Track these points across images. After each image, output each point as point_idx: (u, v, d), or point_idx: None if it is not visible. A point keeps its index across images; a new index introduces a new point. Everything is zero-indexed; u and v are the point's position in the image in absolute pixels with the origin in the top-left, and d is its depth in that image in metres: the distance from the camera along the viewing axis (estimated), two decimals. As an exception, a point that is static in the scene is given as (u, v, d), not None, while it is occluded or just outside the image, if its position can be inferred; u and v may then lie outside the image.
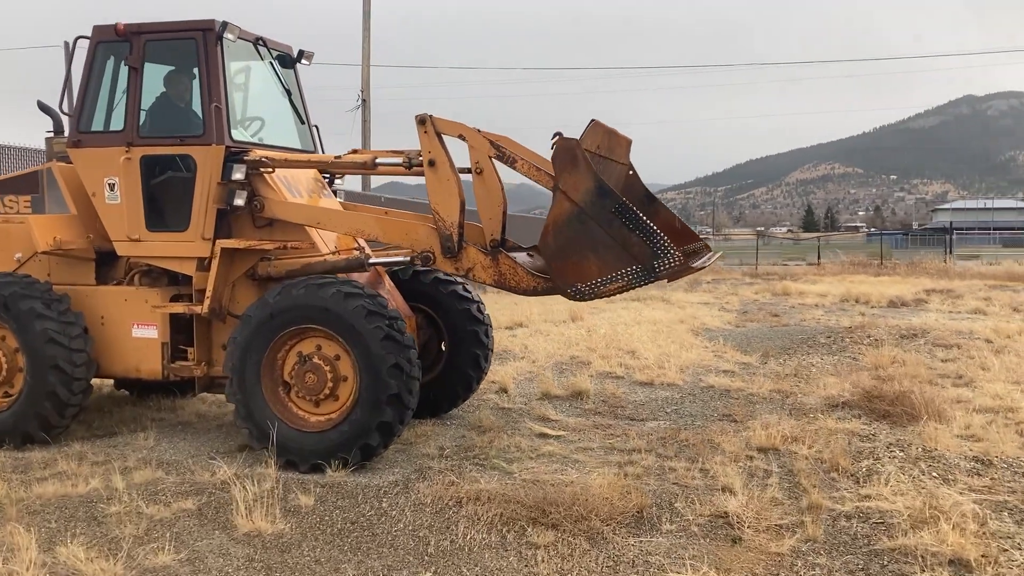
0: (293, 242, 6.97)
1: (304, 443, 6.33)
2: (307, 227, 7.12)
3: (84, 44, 7.19)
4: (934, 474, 6.10)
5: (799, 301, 20.68)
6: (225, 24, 6.85)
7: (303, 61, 7.90)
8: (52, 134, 8.02)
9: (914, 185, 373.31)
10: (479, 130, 6.53)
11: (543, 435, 7.38)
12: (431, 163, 6.58)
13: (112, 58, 7.19)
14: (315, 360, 6.38)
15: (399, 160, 6.88)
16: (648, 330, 13.58)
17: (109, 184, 7.05)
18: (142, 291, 7.27)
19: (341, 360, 6.37)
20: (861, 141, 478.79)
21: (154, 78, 7.27)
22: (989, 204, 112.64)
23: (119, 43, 7.07)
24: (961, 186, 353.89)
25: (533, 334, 13.33)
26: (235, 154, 6.86)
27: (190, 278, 7.29)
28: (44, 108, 8.06)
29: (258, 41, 7.41)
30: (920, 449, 6.63)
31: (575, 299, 6.07)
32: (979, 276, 28.81)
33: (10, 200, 7.60)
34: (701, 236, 7.79)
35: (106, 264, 7.57)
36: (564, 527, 5.11)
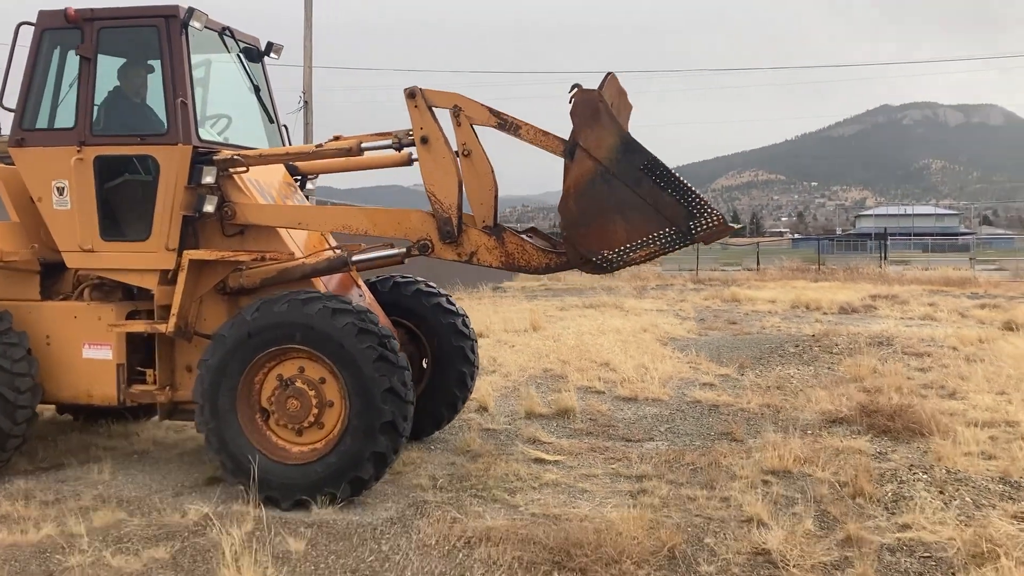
0: (270, 251, 6.31)
1: (287, 477, 5.68)
2: (281, 233, 6.47)
3: (29, 31, 6.41)
4: (967, 499, 5.76)
5: (751, 308, 20.56)
6: (192, 11, 6.16)
7: (271, 55, 7.23)
8: (-12, 133, 7.20)
9: (834, 192, 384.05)
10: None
11: (539, 460, 6.85)
12: (424, 140, 5.97)
13: (60, 47, 6.44)
14: (298, 384, 5.73)
15: (387, 142, 6.26)
16: (615, 340, 13.16)
17: (58, 188, 6.28)
18: (94, 307, 6.51)
19: (327, 383, 5.74)
20: (783, 149, 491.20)
21: (107, 70, 6.53)
22: (909, 210, 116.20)
23: (68, 30, 6.32)
24: (879, 192, 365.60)
25: (497, 345, 12.78)
26: (202, 155, 6.17)
27: (150, 293, 6.59)
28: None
29: (224, 31, 6.73)
30: (944, 471, 6.30)
31: (600, 270, 5.56)
32: (916, 282, 29.24)
33: (-58, 206, 6.76)
34: None
35: (51, 277, 6.80)
36: (594, 572, 4.59)
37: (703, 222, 5.29)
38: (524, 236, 6.05)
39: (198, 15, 6.18)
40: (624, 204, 5.36)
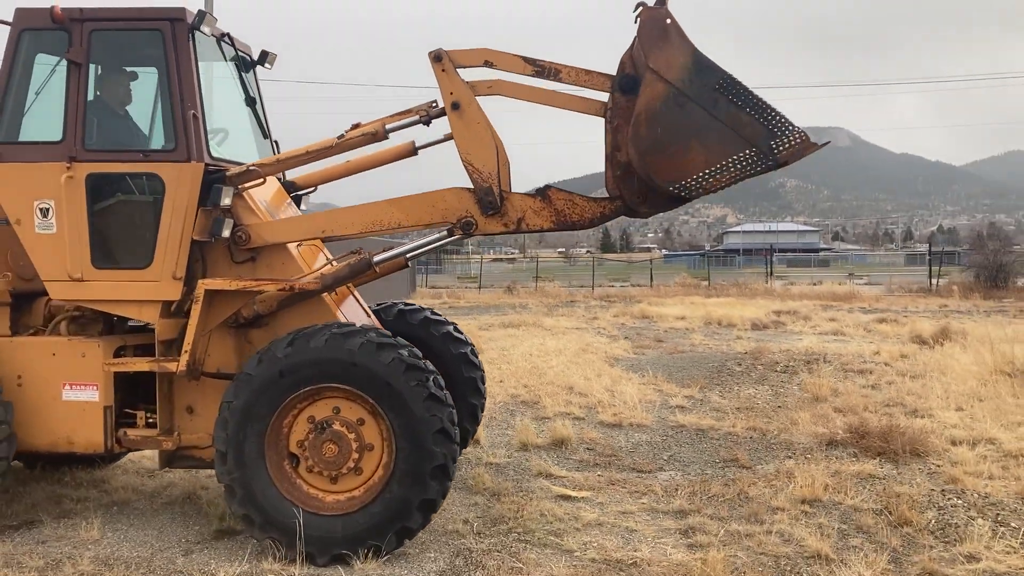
0: (288, 277, 5.67)
1: (323, 529, 5.14)
2: (292, 252, 5.86)
3: (3, 32, 5.65)
4: (1012, 524, 5.81)
5: (668, 325, 20.79)
6: (203, 14, 5.56)
7: (265, 64, 6.65)
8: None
9: (697, 209, 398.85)
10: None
11: (566, 497, 6.52)
12: (455, 106, 5.51)
13: (41, 51, 5.69)
14: (336, 427, 5.21)
15: (413, 118, 5.78)
16: (564, 361, 12.95)
17: (41, 209, 5.53)
18: (77, 343, 5.77)
19: (366, 425, 5.25)
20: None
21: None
22: (773, 227, 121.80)
23: (52, 31, 5.59)
24: (739, 210, 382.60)
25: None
26: (212, 173, 5.56)
27: (138, 326, 5.91)
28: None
29: (224, 37, 6.14)
30: (975, 495, 6.35)
31: (678, 199, 5.26)
32: (806, 297, 30.47)
33: None
34: (511, 257, 7.18)
35: (17, 310, 6.01)
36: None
37: (785, 140, 5.05)
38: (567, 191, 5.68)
39: (209, 19, 5.59)
40: (701, 127, 5.06)
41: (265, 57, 6.59)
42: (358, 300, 6.63)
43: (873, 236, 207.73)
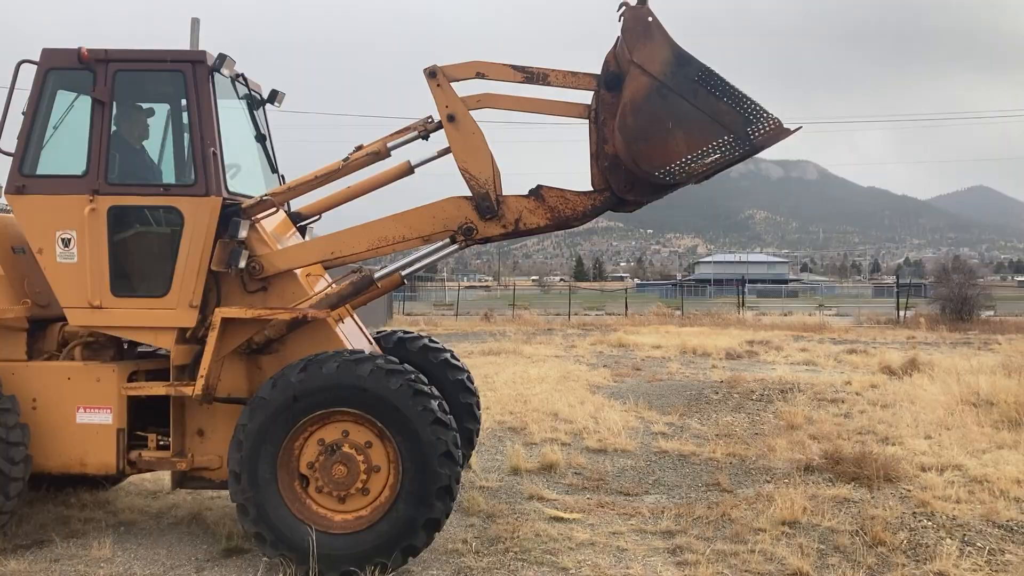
0: (299, 304, 5.93)
1: (332, 547, 5.39)
2: (300, 278, 6.13)
3: (30, 70, 5.92)
4: (978, 543, 6.18)
5: (645, 354, 21.16)
6: (224, 58, 5.88)
7: (275, 103, 6.97)
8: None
9: (668, 239, 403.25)
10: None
11: (558, 518, 6.81)
12: (451, 118, 5.84)
13: (66, 89, 5.97)
14: (345, 449, 5.48)
15: (413, 134, 6.11)
16: (548, 388, 13.26)
17: (63, 239, 5.79)
18: (92, 367, 6.01)
19: (373, 447, 5.52)
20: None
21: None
22: (744, 258, 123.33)
23: (77, 71, 5.88)
24: (709, 240, 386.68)
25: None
26: (228, 206, 5.86)
27: (149, 350, 6.16)
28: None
29: (238, 77, 6.46)
30: (944, 517, 6.73)
31: (663, 186, 5.58)
32: (777, 327, 31.05)
33: (-92, 258, 6.08)
34: (484, 283, 7.50)
35: (32, 335, 6.23)
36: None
37: (760, 126, 5.40)
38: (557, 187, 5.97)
39: (229, 62, 5.91)
40: (682, 116, 5.39)
41: (275, 96, 6.91)
42: (360, 327, 6.92)
43: (841, 268, 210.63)
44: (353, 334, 6.59)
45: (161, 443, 6.11)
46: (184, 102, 5.99)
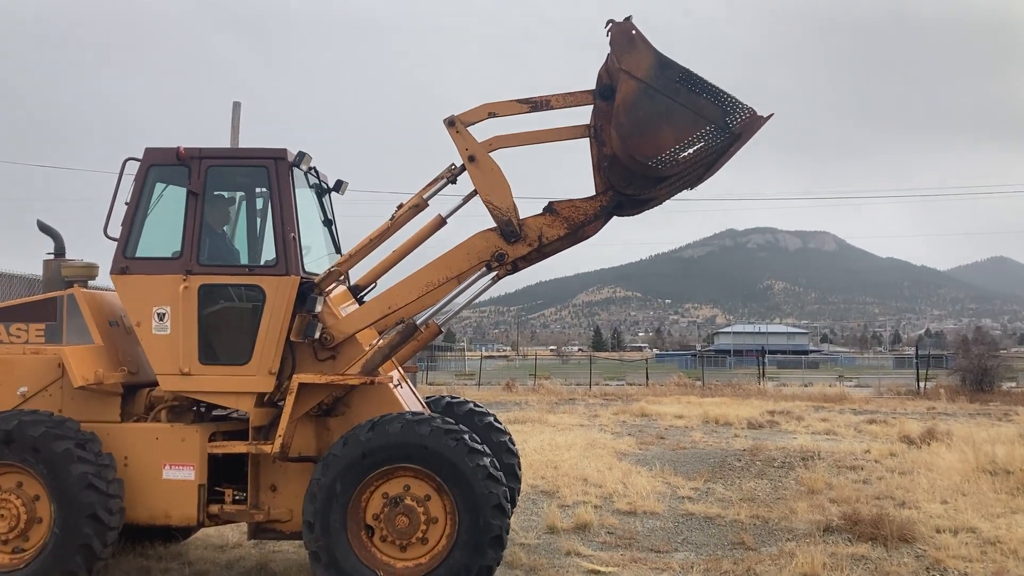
0: (355, 359, 6.62)
1: (396, 592, 5.99)
2: (360, 341, 6.82)
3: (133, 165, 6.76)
4: (986, 596, 6.68)
5: (668, 423, 21.64)
6: (302, 155, 6.71)
7: (339, 191, 7.80)
8: (52, 256, 7.39)
9: (686, 309, 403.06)
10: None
11: (595, 571, 7.36)
12: (472, 159, 6.57)
13: (163, 181, 6.81)
14: (407, 501, 6.12)
15: (443, 181, 6.83)
16: (577, 455, 13.81)
17: (158, 314, 6.56)
18: (178, 428, 6.71)
19: (432, 500, 6.16)
20: (639, 268, 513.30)
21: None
22: (763, 328, 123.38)
23: (173, 167, 6.72)
24: (727, 311, 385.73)
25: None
26: (304, 283, 6.62)
27: (222, 413, 6.85)
28: (45, 228, 7.44)
29: (311, 170, 7.28)
30: (956, 573, 7.23)
31: (657, 176, 6.21)
32: (798, 398, 31.38)
33: (17, 329, 6.86)
34: (503, 352, 8.04)
35: (123, 399, 6.96)
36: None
37: (737, 116, 6.12)
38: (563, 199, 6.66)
39: (307, 159, 6.73)
40: (668, 111, 6.12)
41: (340, 185, 7.74)
42: (415, 393, 7.59)
43: (861, 339, 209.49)
44: (409, 398, 7.27)
45: (236, 497, 6.76)
46: (266, 190, 6.80)
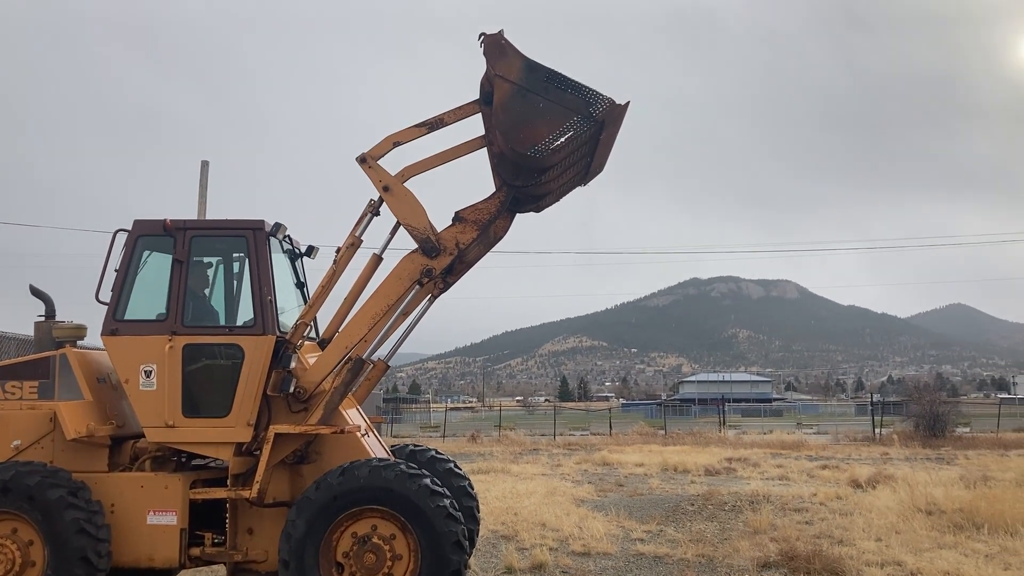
0: (315, 400, 7.24)
1: (363, 624, 6.57)
2: (329, 396, 7.40)
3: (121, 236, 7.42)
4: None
5: (628, 471, 22.28)
6: (278, 226, 7.42)
7: (311, 256, 8.49)
8: (43, 318, 7.97)
9: (652, 357, 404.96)
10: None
11: (548, 605, 7.97)
12: (386, 189, 7.30)
13: (150, 249, 7.46)
14: (374, 540, 6.73)
15: (369, 216, 7.44)
16: (536, 502, 14.41)
17: (145, 371, 7.16)
18: (161, 477, 7.27)
19: (396, 539, 6.77)
20: (605, 317, 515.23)
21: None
22: (728, 377, 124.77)
23: (159, 237, 7.39)
24: (693, 359, 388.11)
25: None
26: (279, 342, 7.27)
27: (201, 463, 7.41)
28: (36, 292, 8.03)
29: (286, 238, 7.97)
30: (875, 599, 7.94)
31: (538, 166, 6.90)
32: (756, 445, 32.17)
33: (11, 386, 7.42)
34: (469, 404, 8.78)
35: (111, 451, 7.51)
36: None
37: (599, 106, 6.90)
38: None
39: (282, 229, 7.45)
40: (539, 107, 6.87)
41: (311, 251, 8.45)
42: (380, 442, 8.22)
43: (825, 386, 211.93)
44: (376, 446, 7.89)
45: (216, 540, 7.32)
46: (244, 256, 7.49)
